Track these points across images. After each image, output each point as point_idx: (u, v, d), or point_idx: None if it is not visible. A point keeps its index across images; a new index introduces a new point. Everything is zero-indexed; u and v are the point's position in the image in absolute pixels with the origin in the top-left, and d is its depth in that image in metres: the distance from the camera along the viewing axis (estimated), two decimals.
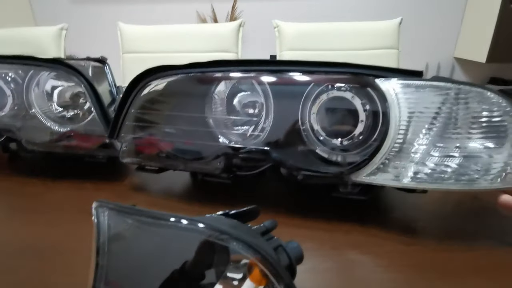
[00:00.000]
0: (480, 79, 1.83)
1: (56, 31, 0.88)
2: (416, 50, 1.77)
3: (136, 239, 0.22)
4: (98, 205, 0.21)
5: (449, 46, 1.78)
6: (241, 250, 0.20)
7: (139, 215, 0.21)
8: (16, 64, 0.44)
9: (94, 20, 1.87)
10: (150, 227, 0.21)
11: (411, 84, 0.29)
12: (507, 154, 0.28)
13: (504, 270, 0.28)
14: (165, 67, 0.36)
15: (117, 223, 0.21)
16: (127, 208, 0.21)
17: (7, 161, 0.52)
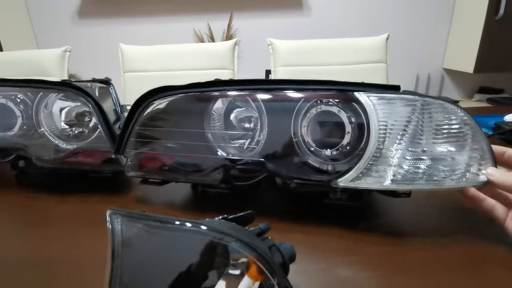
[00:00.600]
0: (470, 88, 1.89)
1: (60, 53, 0.93)
2: (407, 62, 1.84)
3: (146, 242, 0.24)
4: (111, 212, 0.24)
5: (438, 58, 1.85)
6: (240, 249, 0.23)
7: (148, 220, 0.24)
8: (29, 87, 0.47)
9: (94, 40, 1.93)
10: (158, 230, 0.24)
11: (384, 97, 0.33)
12: (468, 157, 0.31)
13: (481, 264, 0.30)
14: (167, 87, 0.39)
15: (129, 228, 0.24)
16: (137, 214, 0.24)
17: (15, 178, 0.54)
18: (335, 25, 1.84)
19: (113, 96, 0.51)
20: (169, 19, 1.87)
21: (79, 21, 1.89)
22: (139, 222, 0.24)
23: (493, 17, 1.51)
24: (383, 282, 0.29)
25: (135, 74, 0.95)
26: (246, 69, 1.42)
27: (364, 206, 0.41)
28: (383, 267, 0.31)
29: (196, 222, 0.23)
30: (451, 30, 1.80)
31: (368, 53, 0.97)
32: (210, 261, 0.24)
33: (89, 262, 0.32)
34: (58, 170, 0.50)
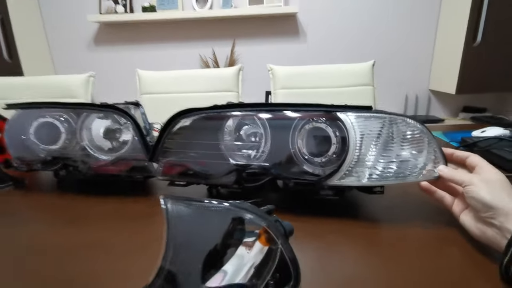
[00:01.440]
0: (455, 108, 2.03)
1: (85, 78, 1.05)
2: (395, 84, 1.99)
3: (188, 216, 0.34)
4: (164, 197, 0.34)
5: (424, 80, 2.00)
6: (255, 220, 0.33)
7: (189, 201, 0.34)
8: (78, 109, 0.58)
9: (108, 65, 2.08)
10: (195, 208, 0.34)
11: (360, 115, 0.43)
12: (425, 157, 0.42)
13: (437, 242, 0.40)
14: (192, 109, 0.50)
15: (176, 207, 0.34)
16: (181, 197, 0.34)
17: (57, 184, 0.64)
18: (328, 52, 2.00)
19: (143, 115, 0.62)
20: (177, 45, 2.03)
21: (95, 48, 2.05)
22: (182, 203, 0.34)
23: (471, 44, 1.66)
24: (364, 254, 0.39)
25: (151, 96, 1.06)
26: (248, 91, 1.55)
27: (348, 201, 0.51)
28: (364, 244, 0.40)
29: (221, 201, 0.33)
30: (434, 55, 1.96)
31: (357, 78, 1.10)
32: (233, 230, 0.34)
33: (124, 247, 0.42)
34: (96, 176, 0.59)
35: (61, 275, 0.36)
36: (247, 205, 0.33)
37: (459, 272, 0.35)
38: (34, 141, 0.61)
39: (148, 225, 0.47)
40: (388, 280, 0.34)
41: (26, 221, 0.49)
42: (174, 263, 0.31)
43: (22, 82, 1.13)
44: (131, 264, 0.38)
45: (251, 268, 0.32)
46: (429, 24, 1.92)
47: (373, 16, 1.94)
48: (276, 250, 0.32)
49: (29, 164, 0.61)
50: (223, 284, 0.31)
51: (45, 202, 0.56)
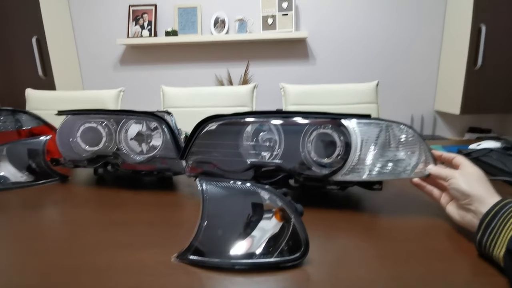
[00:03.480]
0: (461, 128, 2.09)
1: (116, 93, 1.17)
2: (401, 104, 2.07)
3: (219, 194, 0.42)
4: (200, 179, 0.43)
5: (429, 101, 2.08)
6: (273, 198, 0.41)
7: (218, 182, 0.42)
8: (118, 116, 0.68)
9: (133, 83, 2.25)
10: (224, 187, 0.42)
11: (361, 122, 0.52)
12: (417, 157, 0.49)
13: (426, 230, 0.46)
14: (218, 115, 0.60)
15: (209, 187, 0.42)
16: (213, 179, 0.43)
17: (96, 181, 0.73)
18: (335, 73, 2.12)
19: (173, 122, 0.72)
20: (195, 66, 2.19)
21: (120, 67, 2.22)
22: (214, 183, 0.42)
23: (473, 68, 1.75)
24: (362, 233, 0.46)
25: (174, 109, 1.17)
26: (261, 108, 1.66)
27: (351, 197, 0.59)
28: (362, 226, 0.47)
29: (245, 181, 0.42)
30: (439, 77, 2.05)
31: (362, 96, 1.19)
32: (254, 207, 0.42)
33: (159, 225, 0.50)
34: (131, 173, 0.68)
35: (111, 242, 0.44)
36: (267, 187, 0.42)
37: (444, 251, 0.41)
38: (79, 143, 0.71)
39: (177, 212, 0.55)
40: (380, 254, 0.41)
41: (77, 205, 0.58)
42: (207, 231, 0.40)
43: (59, 95, 1.26)
44: (165, 237, 0.46)
45: (269, 237, 0.40)
46: (432, 48, 2.03)
47: (379, 41, 2.06)
48: (289, 225, 0.40)
49: (75, 162, 0.70)
50: (249, 250, 0.39)
51: (90, 193, 0.65)
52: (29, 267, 0.39)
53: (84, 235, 0.46)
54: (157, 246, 0.43)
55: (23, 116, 0.84)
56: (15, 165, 0.70)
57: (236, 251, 0.38)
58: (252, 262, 0.37)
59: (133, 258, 0.40)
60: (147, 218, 0.52)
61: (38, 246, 0.43)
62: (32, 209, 0.56)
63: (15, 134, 0.82)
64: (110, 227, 0.49)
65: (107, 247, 0.43)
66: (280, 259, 0.37)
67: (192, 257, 0.38)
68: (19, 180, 0.68)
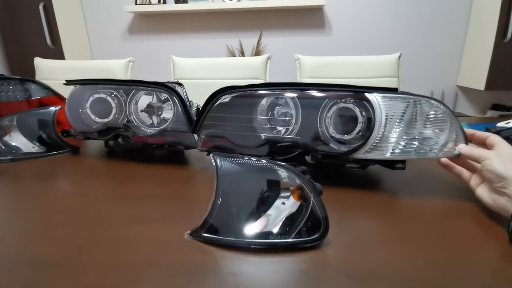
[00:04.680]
0: (483, 106, 1.98)
1: (125, 63, 1.14)
2: (421, 79, 1.97)
3: (233, 170, 0.40)
4: (213, 155, 0.40)
5: (451, 75, 1.97)
6: (292, 177, 0.39)
7: (233, 158, 0.40)
8: (128, 86, 0.65)
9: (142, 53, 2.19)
10: (239, 163, 0.40)
11: (386, 96, 0.48)
12: (446, 136, 0.45)
13: (452, 213, 0.44)
14: (232, 87, 0.56)
15: (224, 162, 0.40)
16: (227, 154, 0.40)
17: (107, 153, 0.72)
18: (353, 44, 2.00)
19: (185, 94, 0.69)
20: (205, 36, 2.11)
21: (129, 36, 2.16)
22: (228, 159, 0.40)
23: (502, 40, 1.62)
24: (382, 215, 0.43)
25: (185, 81, 1.14)
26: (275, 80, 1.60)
27: (370, 176, 0.56)
28: (382, 207, 0.45)
29: (260, 158, 0.39)
30: (464, 50, 1.92)
31: (382, 69, 1.12)
32: (270, 185, 0.40)
33: (172, 199, 0.49)
34: (142, 146, 0.67)
35: (123, 216, 0.43)
36: (285, 164, 0.39)
37: (472, 237, 0.38)
38: (89, 114, 0.69)
39: (190, 186, 0.54)
40: (402, 237, 0.38)
41: (89, 177, 0.58)
42: (221, 209, 0.38)
43: (68, 65, 1.23)
44: (180, 212, 0.44)
45: (286, 217, 0.38)
46: (460, 18, 1.88)
47: (401, 10, 1.92)
48: (308, 205, 0.38)
49: (85, 133, 0.69)
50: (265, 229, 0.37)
51: (102, 165, 0.64)
52: (40, 239, 0.38)
53: (96, 208, 0.46)
54: (170, 221, 0.42)
55: (32, 85, 0.82)
56: (26, 135, 0.69)
57: (252, 230, 0.37)
58: (269, 242, 0.36)
59: (145, 233, 0.39)
60: (158, 193, 0.51)
61: (50, 218, 0.43)
62: (44, 181, 0.56)
63: (24, 104, 0.80)
64: (122, 201, 0.48)
65: (119, 221, 0.42)
66: (298, 239, 0.36)
67: (206, 235, 0.37)
68: (30, 151, 0.68)
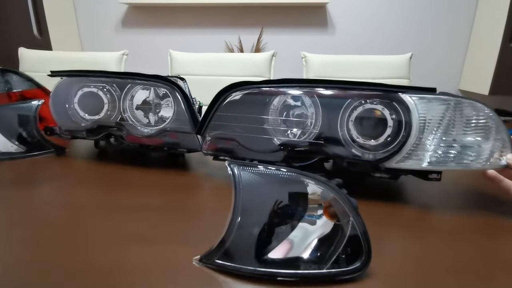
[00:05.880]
0: None
1: (119, 56, 1.05)
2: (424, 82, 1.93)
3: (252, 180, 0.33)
4: (229, 162, 0.33)
5: (454, 79, 1.94)
6: (326, 191, 0.32)
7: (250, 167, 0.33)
8: (122, 80, 0.57)
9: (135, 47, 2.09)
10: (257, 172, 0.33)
11: (424, 97, 0.41)
12: (491, 145, 0.39)
13: (496, 231, 0.38)
14: (244, 82, 0.49)
15: (241, 171, 0.32)
16: (244, 162, 0.33)
17: (97, 154, 0.64)
18: (356, 43, 1.95)
19: (187, 90, 0.62)
20: (203, 31, 2.02)
21: (122, 29, 2.06)
22: (249, 168, 0.33)
23: (508, 44, 1.59)
24: (429, 242, 0.37)
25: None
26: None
27: (399, 186, 0.50)
28: (415, 229, 0.39)
29: (290, 169, 0.32)
30: (468, 53, 1.89)
31: (392, 70, 1.07)
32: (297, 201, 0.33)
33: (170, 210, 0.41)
34: (138, 147, 0.59)
35: (115, 233, 0.36)
36: (318, 176, 0.32)
37: None
38: (77, 110, 0.61)
39: (193, 196, 0.47)
40: (452, 264, 0.32)
41: (75, 184, 0.50)
42: (240, 230, 0.31)
43: (55, 56, 1.14)
44: (182, 229, 0.37)
45: (316, 240, 0.31)
46: (464, 20, 1.85)
47: (403, 11, 1.88)
48: (345, 224, 0.31)
49: (72, 132, 0.61)
50: (289, 254, 0.30)
51: (91, 169, 0.56)
52: (15, 261, 0.30)
53: (83, 223, 0.38)
54: (174, 242, 0.35)
55: (13, 76, 0.74)
56: (4, 132, 0.60)
57: (277, 257, 0.30)
58: (300, 273, 0.29)
59: (143, 256, 0.32)
60: (158, 204, 0.43)
61: (28, 235, 0.35)
62: (23, 186, 0.48)
63: (5, 97, 0.72)
64: (115, 213, 0.40)
65: (112, 241, 0.34)
66: (336, 270, 0.29)
67: (220, 262, 0.30)
68: (9, 150, 0.59)
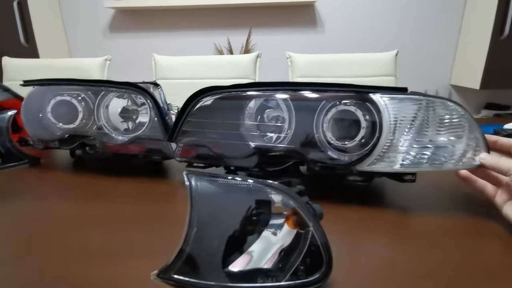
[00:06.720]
0: (477, 104, 1.95)
1: (102, 61, 1.04)
2: (415, 78, 1.92)
3: (212, 191, 0.32)
4: (187, 172, 0.32)
5: (445, 74, 1.93)
6: (286, 200, 0.31)
7: (211, 177, 0.32)
8: (96, 87, 0.57)
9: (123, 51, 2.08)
10: (219, 184, 0.32)
11: (395, 97, 0.40)
12: (465, 144, 0.39)
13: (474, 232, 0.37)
14: (214, 87, 0.48)
15: (200, 182, 0.31)
16: (204, 172, 0.32)
17: (73, 164, 0.63)
18: (346, 42, 1.94)
19: (162, 96, 0.60)
20: (192, 34, 2.01)
21: (110, 34, 2.05)
22: (207, 179, 0.32)
23: (498, 37, 1.59)
24: (396, 242, 0.36)
25: (167, 81, 1.05)
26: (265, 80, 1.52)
27: (375, 189, 0.49)
28: (392, 233, 0.38)
29: (249, 178, 0.31)
30: (458, 48, 1.89)
31: (379, 67, 1.06)
32: (259, 211, 0.32)
33: (141, 222, 0.40)
34: (113, 157, 0.58)
35: (80, 249, 0.35)
36: (277, 184, 0.31)
37: (501, 264, 0.32)
38: (51, 120, 0.60)
39: (167, 205, 0.46)
40: (426, 271, 0.31)
41: (44, 196, 0.49)
42: (197, 243, 0.30)
43: (39, 64, 1.13)
44: (150, 241, 0.36)
45: (277, 251, 0.30)
46: (453, 15, 1.84)
47: (393, 7, 1.87)
48: (306, 234, 0.30)
49: (45, 142, 0.60)
50: (248, 267, 0.29)
51: (63, 180, 0.55)
52: None
53: (49, 237, 0.37)
54: (140, 255, 0.34)
55: None
56: None
57: (237, 269, 0.29)
58: (257, 286, 0.28)
59: (109, 272, 0.31)
60: (130, 215, 0.42)
61: None
62: None
63: None
64: (85, 226, 0.39)
65: (77, 256, 0.33)
66: (294, 282, 0.28)
67: (177, 277, 0.29)
68: None
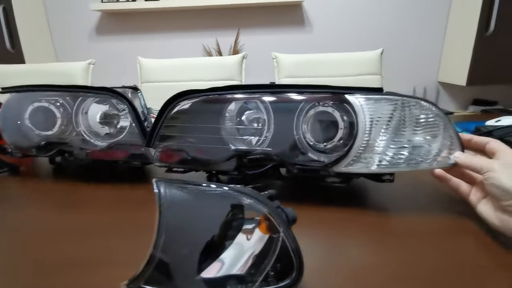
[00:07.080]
0: (465, 101, 1.97)
1: (85, 65, 1.03)
2: (403, 76, 1.93)
3: (183, 200, 0.32)
4: (156, 180, 0.31)
5: (432, 71, 1.94)
6: (256, 205, 0.30)
7: (183, 184, 0.31)
8: (72, 92, 0.56)
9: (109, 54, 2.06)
10: (191, 191, 0.31)
11: (370, 97, 0.40)
12: (440, 143, 0.39)
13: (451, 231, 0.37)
14: (192, 91, 0.48)
15: (170, 190, 0.31)
16: (175, 180, 0.32)
17: (53, 171, 0.62)
18: (334, 41, 1.95)
19: (141, 100, 0.60)
20: (180, 35, 2.00)
21: (96, 37, 2.02)
22: (177, 186, 0.31)
23: (484, 33, 1.60)
24: (373, 244, 0.36)
25: (152, 84, 1.04)
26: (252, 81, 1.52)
27: (355, 190, 0.49)
28: (372, 233, 0.38)
29: (219, 185, 0.31)
30: (445, 45, 1.90)
31: (364, 66, 1.06)
32: (231, 217, 0.31)
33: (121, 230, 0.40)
34: (93, 163, 0.57)
35: (56, 259, 0.34)
36: (247, 190, 0.31)
37: (475, 262, 0.32)
38: (29, 126, 0.59)
39: (146, 211, 0.45)
40: (398, 271, 0.31)
41: (21, 206, 0.48)
42: (166, 251, 0.29)
43: (22, 69, 1.11)
44: (127, 250, 0.36)
45: (250, 257, 0.30)
46: (439, 12, 1.86)
47: (380, 5, 1.88)
48: (278, 239, 0.30)
49: (24, 149, 0.59)
50: (220, 274, 0.29)
51: (41, 188, 0.54)
52: None
53: (22, 248, 0.36)
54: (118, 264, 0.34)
55: None
56: None
57: (207, 276, 0.29)
58: None
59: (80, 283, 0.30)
60: (110, 221, 0.42)
61: None
62: None
63: None
64: (62, 235, 0.39)
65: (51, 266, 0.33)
66: None
67: (147, 287, 0.28)
68: None
